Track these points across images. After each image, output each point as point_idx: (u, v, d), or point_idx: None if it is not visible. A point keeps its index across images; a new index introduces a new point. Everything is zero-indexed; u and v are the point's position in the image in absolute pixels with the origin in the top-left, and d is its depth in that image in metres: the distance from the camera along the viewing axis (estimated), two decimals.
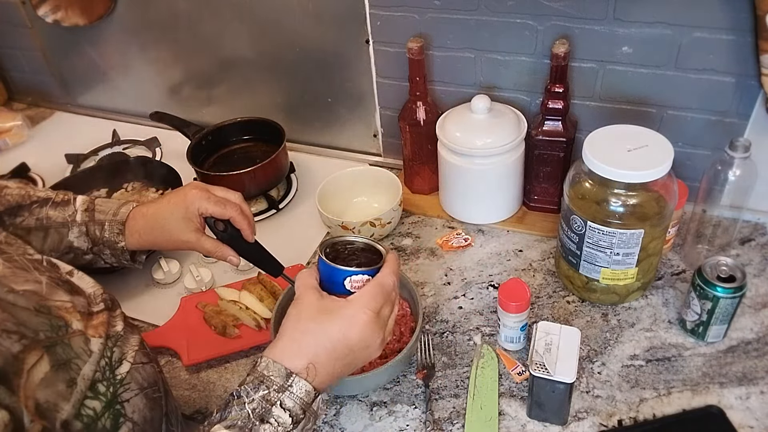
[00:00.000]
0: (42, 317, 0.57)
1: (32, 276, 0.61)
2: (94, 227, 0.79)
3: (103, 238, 0.79)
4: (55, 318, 0.58)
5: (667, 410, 0.81)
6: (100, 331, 0.63)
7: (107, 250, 0.80)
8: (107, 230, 0.79)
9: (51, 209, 0.78)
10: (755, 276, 0.97)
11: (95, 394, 0.60)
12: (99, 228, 0.79)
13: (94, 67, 1.51)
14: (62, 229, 0.78)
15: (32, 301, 0.57)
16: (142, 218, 0.81)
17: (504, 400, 0.85)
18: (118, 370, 0.64)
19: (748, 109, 0.97)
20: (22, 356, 0.54)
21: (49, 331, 0.57)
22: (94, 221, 0.79)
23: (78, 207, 0.79)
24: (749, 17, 0.87)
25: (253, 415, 0.59)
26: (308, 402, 0.62)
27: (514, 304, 0.85)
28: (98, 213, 0.79)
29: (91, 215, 0.79)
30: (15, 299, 0.56)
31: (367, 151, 1.34)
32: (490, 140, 1.03)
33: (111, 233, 0.79)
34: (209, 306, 1.00)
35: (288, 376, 0.61)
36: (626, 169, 0.81)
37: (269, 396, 0.60)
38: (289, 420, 0.60)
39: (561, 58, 0.97)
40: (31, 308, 0.57)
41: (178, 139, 1.32)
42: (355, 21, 1.14)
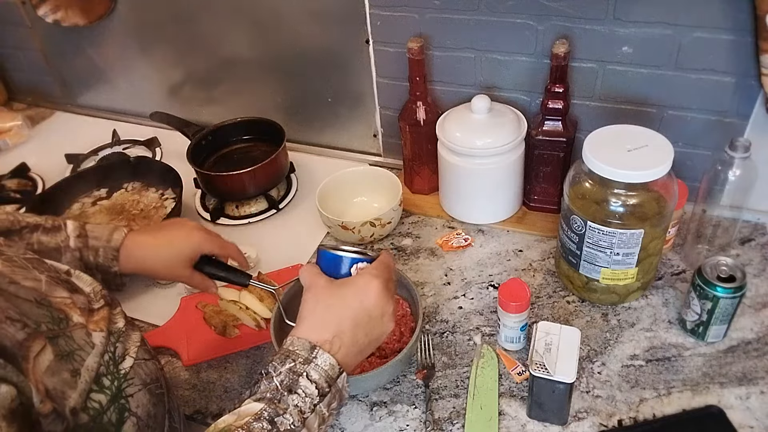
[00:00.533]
0: (43, 309, 0.58)
1: (31, 274, 0.62)
2: (88, 253, 0.80)
3: (97, 263, 0.80)
4: (56, 311, 0.59)
5: (667, 410, 0.81)
6: (102, 326, 0.64)
7: (99, 275, 0.81)
8: (101, 256, 0.80)
9: (42, 235, 0.79)
10: (755, 276, 0.97)
11: (100, 388, 0.61)
12: (93, 254, 0.80)
13: (94, 67, 1.51)
14: (55, 254, 0.79)
15: (33, 294, 0.58)
16: (139, 247, 0.82)
17: (504, 400, 0.85)
18: (122, 365, 0.65)
19: (748, 109, 0.97)
20: (28, 344, 0.54)
21: (51, 323, 0.58)
22: (88, 247, 0.80)
23: (70, 233, 0.80)
24: (749, 17, 0.88)
25: (282, 386, 0.61)
26: (332, 376, 0.63)
27: (514, 304, 0.85)
28: (91, 239, 0.80)
29: (84, 241, 0.80)
30: (16, 290, 0.56)
31: (367, 151, 1.34)
32: (490, 140, 1.03)
33: (105, 259, 0.80)
34: (209, 306, 1.00)
35: (312, 348, 0.63)
36: (626, 169, 0.81)
37: (296, 368, 0.62)
38: (315, 391, 0.62)
39: (561, 58, 0.97)
40: (32, 300, 0.57)
41: (178, 139, 1.32)
42: (355, 21, 1.14)
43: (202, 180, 1.21)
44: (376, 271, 0.69)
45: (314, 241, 1.13)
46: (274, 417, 0.59)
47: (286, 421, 0.59)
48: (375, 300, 0.67)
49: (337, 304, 0.66)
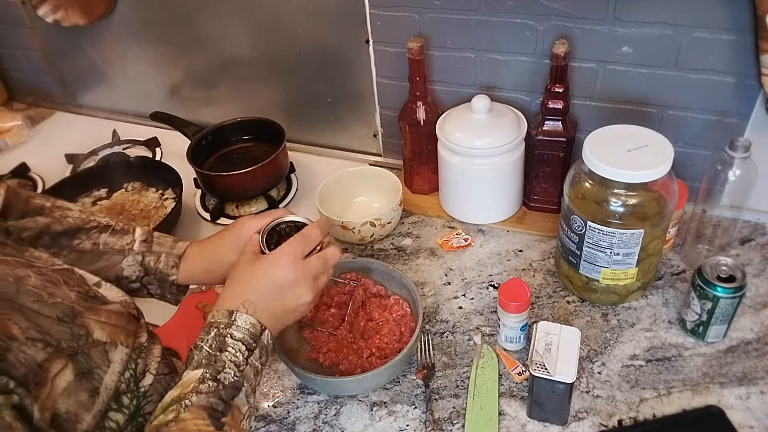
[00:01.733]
0: (64, 326, 0.58)
1: (61, 291, 0.62)
2: (150, 258, 0.80)
3: (156, 270, 0.80)
4: (76, 327, 0.59)
5: (667, 410, 0.81)
6: (130, 341, 0.65)
7: (155, 282, 0.81)
8: (162, 262, 0.80)
9: (110, 236, 0.80)
10: (755, 276, 0.97)
11: (119, 407, 0.61)
12: (155, 259, 0.80)
13: (94, 67, 1.51)
14: (117, 256, 0.79)
15: (57, 310, 0.58)
16: (198, 254, 0.82)
17: (504, 400, 0.85)
18: (142, 382, 0.66)
19: (748, 109, 0.97)
20: (47, 365, 0.55)
21: (70, 340, 0.58)
22: (151, 252, 0.81)
23: (137, 237, 0.81)
24: (749, 17, 0.88)
25: (212, 350, 0.65)
26: (256, 333, 0.67)
27: (514, 304, 0.85)
28: (155, 245, 0.81)
29: (148, 246, 0.81)
30: (39, 308, 0.57)
31: (367, 151, 1.34)
32: (490, 140, 1.03)
33: (166, 265, 0.80)
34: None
35: (230, 314, 0.67)
36: (626, 169, 0.81)
37: (219, 332, 0.66)
38: (243, 347, 0.66)
39: (561, 58, 0.97)
40: (54, 317, 0.58)
41: (178, 139, 1.32)
42: (355, 21, 1.14)
43: (202, 180, 1.21)
44: (288, 247, 0.72)
45: None
46: (216, 375, 0.62)
47: (228, 375, 0.63)
48: (283, 273, 0.70)
49: (247, 277, 0.71)
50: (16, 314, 0.55)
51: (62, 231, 0.77)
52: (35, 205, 0.78)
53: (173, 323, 1.00)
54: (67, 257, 0.76)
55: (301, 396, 0.89)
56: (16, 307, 0.55)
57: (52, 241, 0.76)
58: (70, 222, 0.78)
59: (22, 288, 0.57)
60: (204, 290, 1.05)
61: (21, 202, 0.77)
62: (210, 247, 0.82)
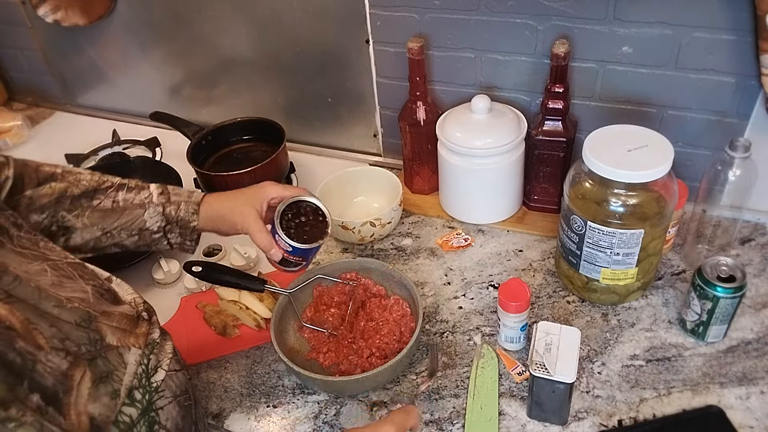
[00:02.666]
0: (81, 331, 0.59)
1: (78, 285, 0.63)
2: (170, 207, 0.83)
3: (177, 217, 0.83)
4: (92, 332, 0.60)
5: (667, 410, 0.81)
6: (141, 342, 0.65)
7: (177, 230, 0.84)
8: (182, 210, 0.83)
9: (127, 193, 0.82)
10: (755, 276, 0.97)
11: (132, 401, 0.62)
12: (175, 208, 0.83)
13: (94, 67, 1.51)
14: (139, 209, 0.81)
15: (75, 315, 0.59)
16: (216, 201, 0.85)
17: (504, 400, 0.85)
18: (154, 377, 0.66)
19: (748, 109, 0.97)
20: (71, 373, 0.56)
21: (88, 344, 0.59)
22: (170, 202, 0.83)
23: (153, 191, 0.83)
24: (749, 17, 0.87)
25: None
26: None
27: (514, 304, 0.85)
28: (173, 195, 0.84)
29: (167, 197, 0.83)
30: (60, 313, 0.58)
31: (367, 151, 1.34)
32: (490, 140, 1.02)
33: (186, 213, 0.83)
34: (209, 306, 1.00)
35: None
36: (626, 169, 0.81)
37: None
38: None
39: (561, 58, 0.97)
40: (73, 322, 0.59)
41: (178, 139, 1.32)
42: (355, 21, 1.14)
43: (202, 180, 1.21)
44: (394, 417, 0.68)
45: None
46: None
47: None
48: None
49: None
50: (41, 321, 0.56)
51: (80, 194, 0.80)
52: (46, 172, 0.80)
53: (173, 323, 1.00)
54: (90, 217, 0.79)
55: (301, 396, 0.89)
56: (40, 313, 0.56)
57: (72, 204, 0.79)
58: (85, 184, 0.81)
59: (44, 294, 0.58)
60: (204, 290, 1.05)
61: (32, 171, 0.79)
62: (229, 197, 0.86)
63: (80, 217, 0.79)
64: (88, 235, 0.81)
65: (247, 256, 1.09)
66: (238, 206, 0.83)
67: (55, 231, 0.79)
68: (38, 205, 0.78)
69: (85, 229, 0.80)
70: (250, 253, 1.09)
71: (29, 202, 0.78)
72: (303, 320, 0.94)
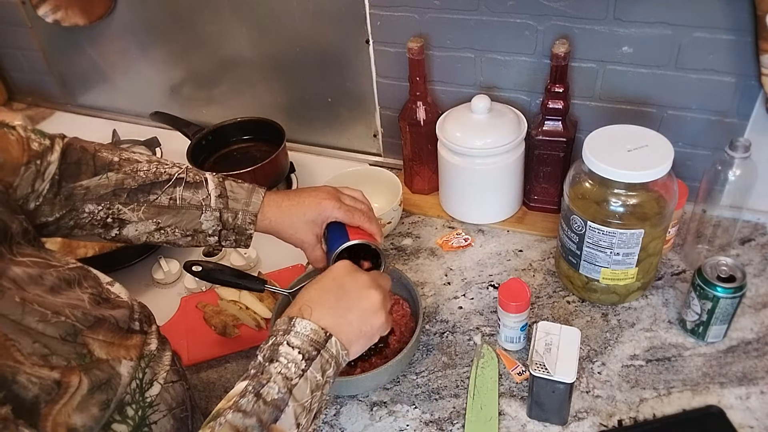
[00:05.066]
0: (68, 345, 0.58)
1: (75, 294, 0.62)
2: (227, 214, 0.81)
3: (234, 225, 0.81)
4: (79, 345, 0.59)
5: (667, 410, 0.81)
6: (133, 354, 0.64)
7: (233, 236, 0.82)
8: (240, 218, 0.81)
9: (185, 190, 0.80)
10: (755, 276, 0.97)
11: (123, 418, 0.60)
12: (232, 216, 0.81)
13: (94, 67, 1.51)
14: (195, 211, 0.80)
15: (60, 329, 0.58)
16: (276, 209, 0.83)
17: (504, 400, 0.85)
18: (149, 392, 0.64)
19: (748, 109, 0.97)
20: (66, 380, 0.55)
21: (77, 358, 0.58)
22: (228, 209, 0.81)
23: (211, 191, 0.81)
24: (749, 17, 0.87)
25: (264, 359, 0.62)
26: (318, 340, 0.64)
27: (514, 304, 0.85)
28: (231, 201, 0.81)
29: (225, 202, 0.81)
30: (44, 328, 0.57)
31: (367, 151, 1.34)
32: (490, 140, 1.02)
33: (243, 222, 0.81)
34: (209, 306, 1.00)
35: (289, 320, 0.64)
36: (626, 169, 0.81)
37: (276, 341, 0.64)
38: (299, 356, 0.62)
39: (561, 58, 0.97)
40: (58, 336, 0.57)
41: (178, 139, 1.32)
42: (355, 21, 1.14)
43: None
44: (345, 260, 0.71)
45: None
46: (259, 389, 0.59)
47: (272, 390, 0.59)
48: (343, 271, 0.68)
49: (312, 285, 0.69)
50: (22, 336, 0.54)
51: (137, 187, 0.78)
52: (104, 159, 0.78)
53: (173, 323, 1.00)
54: (146, 212, 0.78)
55: None
56: (22, 328, 0.55)
57: (129, 198, 0.77)
58: (142, 176, 0.79)
59: (28, 308, 0.57)
60: (204, 290, 1.05)
61: (89, 158, 0.77)
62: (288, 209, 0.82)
63: (136, 211, 0.78)
64: (142, 228, 0.79)
65: (247, 256, 1.09)
66: (300, 230, 0.82)
67: (110, 222, 0.78)
68: (94, 196, 0.76)
69: (140, 223, 0.79)
70: (250, 253, 1.09)
71: (85, 192, 0.76)
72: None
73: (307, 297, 0.67)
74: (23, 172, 0.71)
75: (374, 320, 0.67)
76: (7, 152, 0.70)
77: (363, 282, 0.67)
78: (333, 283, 0.68)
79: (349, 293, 0.67)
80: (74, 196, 0.76)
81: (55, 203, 0.75)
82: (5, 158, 0.70)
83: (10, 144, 0.71)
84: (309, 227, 0.82)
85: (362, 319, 0.67)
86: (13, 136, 0.72)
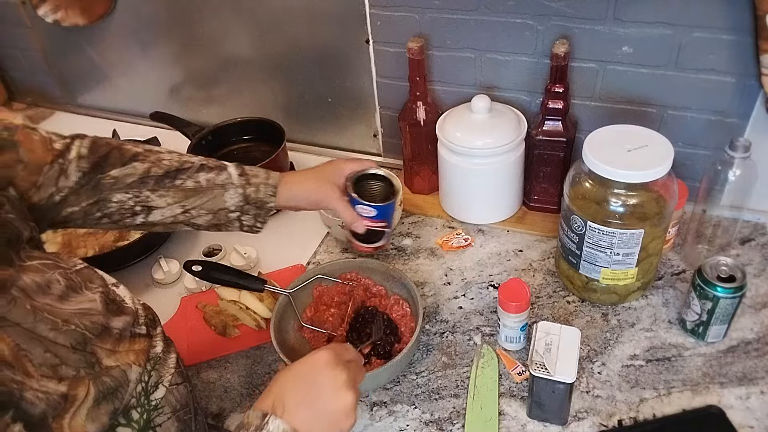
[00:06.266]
0: (78, 354, 0.58)
1: (85, 297, 0.63)
2: (250, 188, 0.85)
3: (256, 198, 0.85)
4: (88, 354, 0.59)
5: (667, 410, 0.81)
6: (141, 359, 0.64)
7: (253, 210, 0.86)
8: (261, 191, 0.85)
9: (208, 173, 0.84)
10: (755, 276, 0.97)
11: (128, 421, 0.61)
12: (254, 189, 0.85)
13: (94, 67, 1.51)
14: (220, 189, 0.83)
15: (70, 338, 0.58)
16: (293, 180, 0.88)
17: (504, 400, 0.85)
18: (154, 395, 0.65)
19: (748, 109, 0.97)
20: (73, 393, 0.55)
21: (86, 367, 0.58)
22: (249, 183, 0.85)
23: (232, 171, 0.86)
24: (749, 17, 0.87)
25: None
26: None
27: (514, 304, 0.85)
28: (252, 177, 0.86)
29: (246, 179, 0.85)
30: (55, 336, 0.57)
31: (367, 151, 1.34)
32: (490, 140, 1.02)
33: (264, 194, 0.85)
34: (209, 306, 1.00)
35: (263, 416, 0.61)
36: (626, 169, 0.81)
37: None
38: None
39: (561, 58, 0.97)
40: (68, 345, 0.58)
41: (178, 139, 1.32)
42: (355, 21, 1.14)
43: None
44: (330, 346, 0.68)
45: (314, 242, 1.13)
46: None
47: None
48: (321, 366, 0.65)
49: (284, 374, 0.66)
50: (34, 346, 0.55)
51: (163, 174, 0.81)
52: (129, 151, 0.81)
53: (173, 323, 1.00)
54: (174, 196, 0.81)
55: None
56: (34, 337, 0.55)
57: (157, 184, 0.81)
58: (166, 164, 0.82)
59: (39, 316, 0.57)
60: (204, 290, 1.05)
61: (116, 151, 0.80)
62: (308, 175, 0.89)
63: (164, 197, 0.81)
64: (168, 212, 0.82)
65: (247, 256, 1.09)
66: (322, 186, 0.87)
67: (138, 210, 0.81)
68: (123, 184, 0.79)
69: (167, 208, 0.82)
70: (250, 253, 1.09)
71: (114, 182, 0.79)
72: (303, 320, 0.94)
73: (282, 390, 0.64)
74: (47, 170, 0.74)
75: (345, 423, 0.65)
76: (32, 152, 0.73)
77: (340, 382, 0.65)
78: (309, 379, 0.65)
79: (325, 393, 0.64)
80: (102, 185, 0.78)
81: (81, 193, 0.77)
82: (30, 158, 0.72)
83: (34, 144, 0.73)
84: (329, 181, 0.88)
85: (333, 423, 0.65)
86: (36, 137, 0.74)
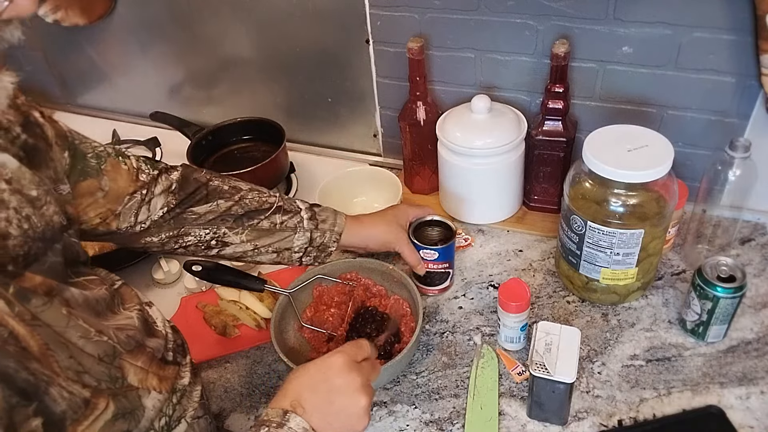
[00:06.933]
0: (103, 366, 0.58)
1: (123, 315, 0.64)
2: (317, 234, 0.90)
3: (321, 243, 0.91)
4: (114, 368, 0.59)
5: (667, 410, 0.81)
6: (165, 386, 0.64)
7: (314, 252, 0.91)
8: (327, 237, 0.91)
9: (283, 215, 0.89)
10: (755, 276, 0.97)
11: None
12: (320, 235, 0.90)
13: (94, 67, 1.51)
14: (290, 232, 0.88)
15: (99, 348, 0.58)
16: (360, 229, 0.93)
17: (504, 400, 0.85)
18: (176, 430, 0.65)
19: (748, 109, 0.97)
20: (95, 401, 0.55)
21: (108, 381, 0.58)
22: (317, 229, 0.90)
23: (304, 215, 0.90)
24: (749, 17, 0.87)
25: None
26: None
27: (514, 304, 0.85)
28: (321, 222, 0.91)
29: (315, 224, 0.90)
30: (84, 345, 0.57)
31: (367, 151, 1.34)
32: (490, 140, 1.02)
33: (329, 240, 0.91)
34: (209, 306, 1.00)
35: (284, 413, 0.63)
36: (626, 169, 0.81)
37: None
38: None
39: (561, 58, 0.97)
40: (96, 356, 0.58)
41: (178, 139, 1.32)
42: (355, 21, 1.14)
43: None
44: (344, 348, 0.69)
45: None
46: None
47: None
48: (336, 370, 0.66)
49: (301, 374, 0.67)
50: (61, 349, 0.55)
51: (243, 213, 0.86)
52: (215, 188, 0.86)
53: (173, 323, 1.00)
54: (249, 235, 0.86)
55: None
56: (62, 341, 0.55)
57: (235, 222, 0.86)
58: (247, 203, 0.87)
59: (72, 321, 0.57)
60: (204, 290, 1.05)
61: (203, 186, 0.86)
62: (375, 221, 0.95)
63: (239, 234, 0.85)
64: (239, 248, 0.87)
65: None
66: (393, 229, 0.94)
67: (213, 245, 0.86)
68: (204, 221, 0.84)
69: (240, 245, 0.86)
70: None
71: (196, 218, 0.84)
72: (303, 320, 0.94)
73: (298, 391, 0.65)
74: (127, 201, 0.77)
75: (358, 426, 0.67)
76: (115, 182, 0.76)
77: (355, 386, 0.66)
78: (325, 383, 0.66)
79: (340, 397, 0.66)
80: (185, 220, 0.83)
81: (163, 226, 0.82)
82: (111, 187, 0.75)
83: (119, 174, 0.77)
84: (398, 224, 0.95)
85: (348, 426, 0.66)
86: (125, 166, 0.77)
